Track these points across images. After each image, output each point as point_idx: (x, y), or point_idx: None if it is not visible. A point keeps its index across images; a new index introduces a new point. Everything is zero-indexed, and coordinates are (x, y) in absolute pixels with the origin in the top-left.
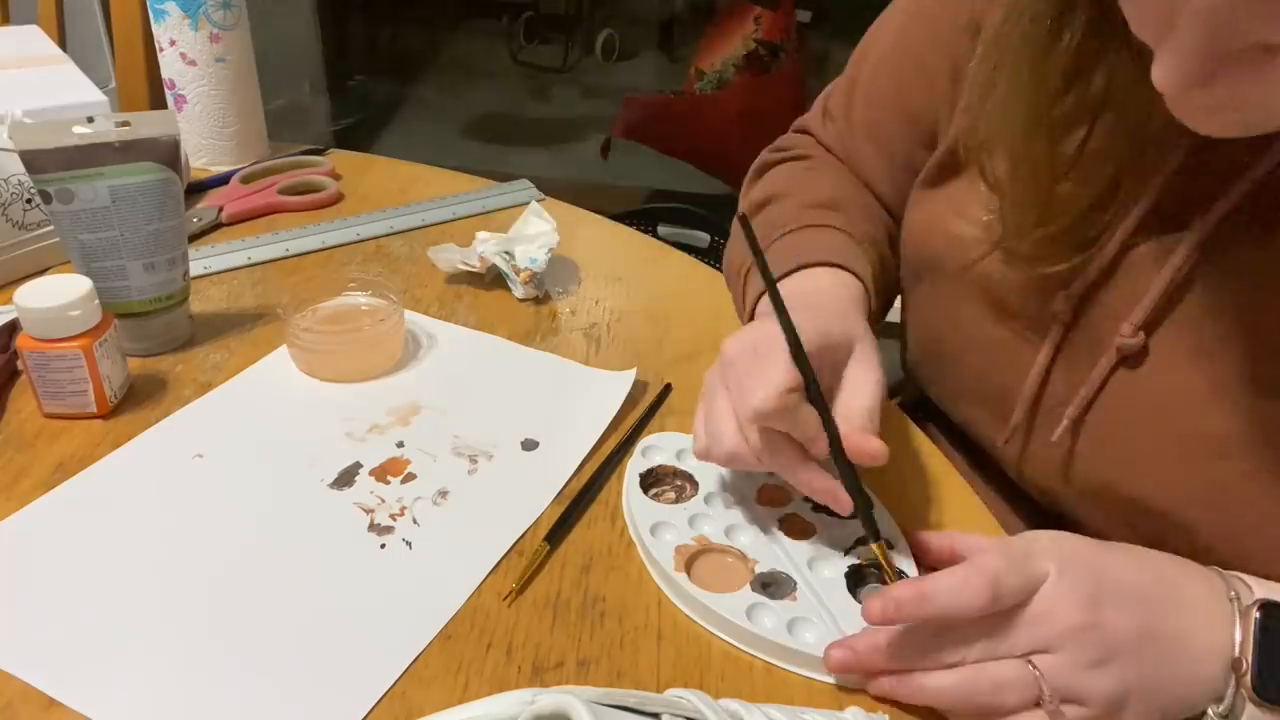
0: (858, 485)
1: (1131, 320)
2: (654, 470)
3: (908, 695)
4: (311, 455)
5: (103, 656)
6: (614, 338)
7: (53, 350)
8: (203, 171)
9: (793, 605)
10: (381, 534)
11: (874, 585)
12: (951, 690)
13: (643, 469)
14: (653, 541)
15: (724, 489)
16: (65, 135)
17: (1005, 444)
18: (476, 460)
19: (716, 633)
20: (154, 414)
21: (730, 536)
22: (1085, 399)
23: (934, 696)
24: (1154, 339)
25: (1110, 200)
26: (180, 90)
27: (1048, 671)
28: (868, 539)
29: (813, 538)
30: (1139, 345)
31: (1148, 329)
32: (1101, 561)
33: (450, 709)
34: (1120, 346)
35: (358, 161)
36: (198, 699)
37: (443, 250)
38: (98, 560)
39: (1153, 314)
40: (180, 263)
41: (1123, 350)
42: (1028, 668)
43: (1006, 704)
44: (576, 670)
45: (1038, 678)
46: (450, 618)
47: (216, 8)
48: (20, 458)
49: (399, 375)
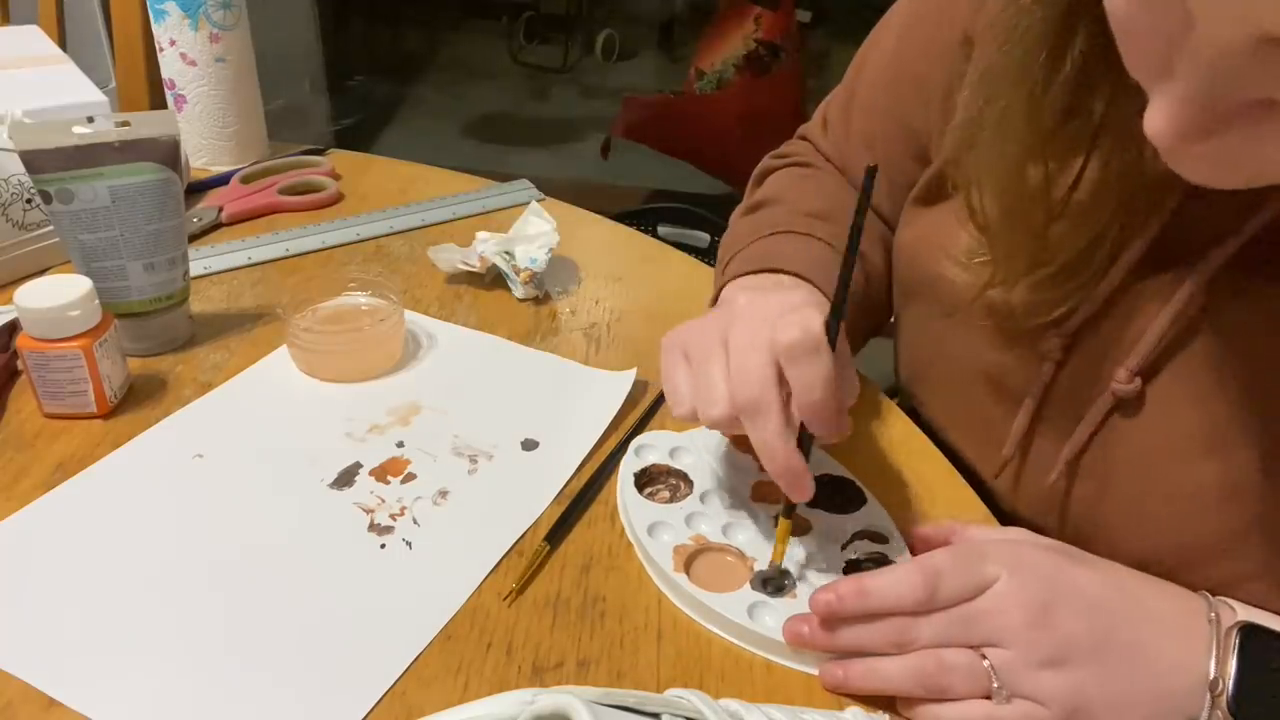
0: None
1: (1128, 365)
2: (648, 469)
3: (860, 675)
4: (311, 455)
5: (103, 656)
6: (614, 338)
7: (53, 350)
8: (203, 171)
9: (793, 602)
10: (381, 534)
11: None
12: (900, 672)
13: (636, 468)
14: (650, 542)
15: (719, 487)
16: (65, 135)
17: (995, 479)
18: (476, 460)
19: (718, 632)
20: (154, 414)
21: (728, 535)
22: (1080, 442)
23: (883, 680)
24: (1151, 385)
25: (1104, 242)
26: (180, 90)
27: (999, 666)
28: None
29: (809, 534)
30: (1135, 391)
31: (1144, 374)
32: (1059, 568)
33: (450, 709)
34: (1116, 392)
35: (358, 161)
36: (198, 699)
37: (443, 250)
38: (98, 560)
39: (1150, 359)
40: (180, 263)
41: (1118, 395)
42: (978, 658)
43: (954, 688)
44: (576, 670)
45: (988, 670)
46: (450, 618)
47: (216, 8)
48: (20, 458)
49: (399, 375)
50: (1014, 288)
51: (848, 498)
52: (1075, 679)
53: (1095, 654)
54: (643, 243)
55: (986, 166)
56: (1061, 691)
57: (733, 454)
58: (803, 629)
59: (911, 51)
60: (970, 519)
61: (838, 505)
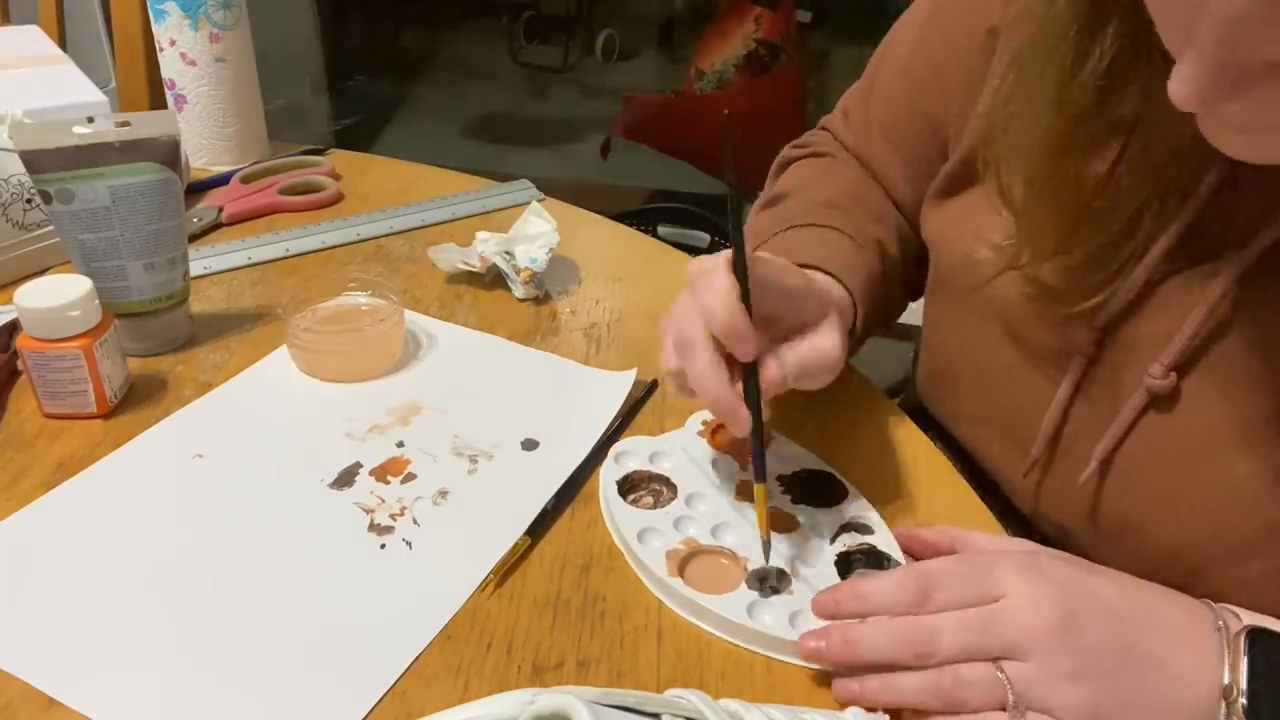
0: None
1: (1162, 360)
2: (629, 476)
3: (875, 691)
4: (311, 455)
5: (103, 656)
6: (614, 338)
7: (53, 350)
8: (203, 171)
9: (790, 599)
10: (381, 534)
11: (861, 571)
12: (917, 687)
13: (618, 476)
14: (641, 548)
15: (703, 489)
16: (65, 135)
17: (1024, 478)
18: (476, 460)
19: (718, 634)
20: (154, 414)
21: (717, 536)
22: (1114, 439)
23: (899, 695)
24: (1186, 380)
25: (1135, 229)
26: (180, 90)
27: (1017, 679)
28: (757, 479)
29: (797, 530)
30: (1170, 387)
31: (1180, 370)
32: (1076, 577)
33: (450, 709)
34: (1151, 388)
35: (358, 161)
36: (198, 699)
37: (443, 250)
38: (98, 560)
39: (1185, 354)
40: (180, 263)
41: (1153, 391)
42: (995, 671)
43: (969, 701)
44: (576, 670)
45: (1005, 683)
46: (450, 618)
47: (216, 8)
48: (20, 458)
49: (399, 375)
50: (1041, 268)
51: (830, 492)
52: (1093, 693)
53: (1114, 666)
54: (643, 243)
55: (1015, 151)
56: (1079, 705)
57: (713, 455)
58: (820, 645)
59: (934, 42)
60: (970, 519)
61: (821, 500)
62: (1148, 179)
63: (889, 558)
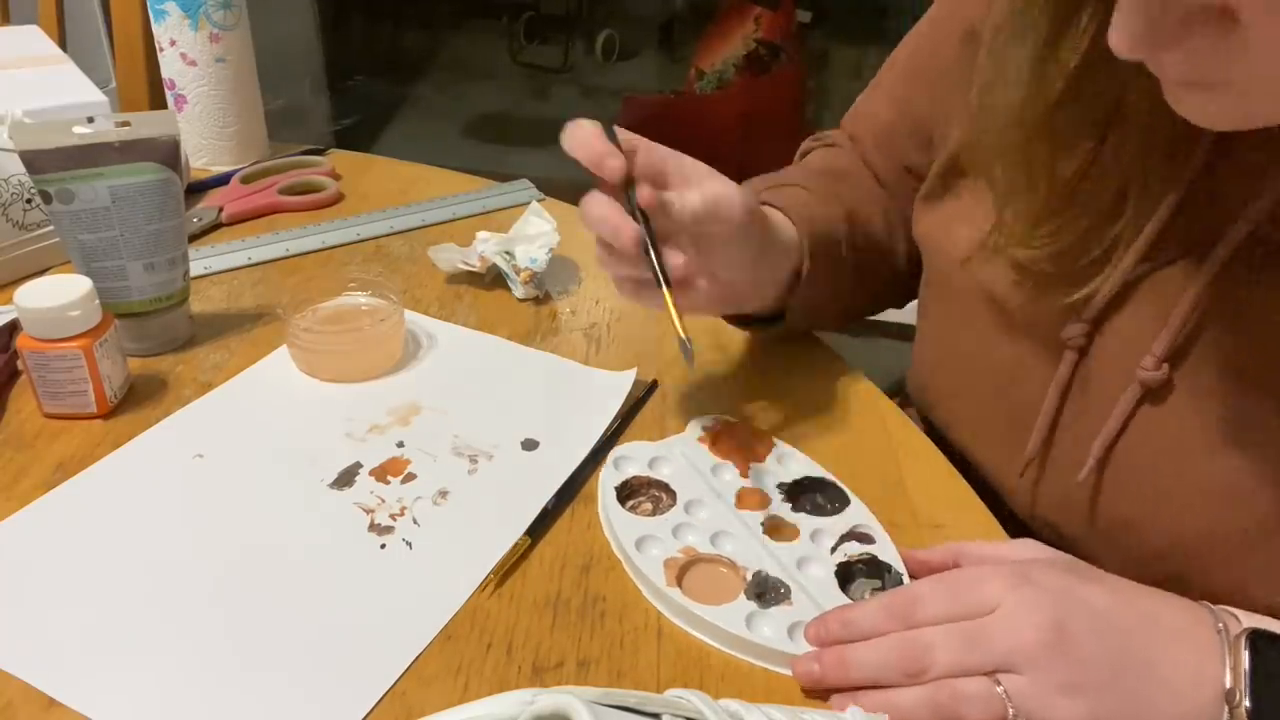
0: (649, 229)
1: (1153, 352)
2: (628, 482)
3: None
4: (311, 455)
5: (103, 656)
6: (614, 338)
7: (53, 350)
8: (203, 171)
9: (790, 610)
10: (381, 534)
11: (862, 581)
12: (915, 704)
13: (617, 482)
14: (639, 556)
15: (702, 496)
16: (65, 135)
17: (1020, 477)
18: (476, 460)
19: (717, 645)
20: (154, 414)
21: (716, 545)
22: (1110, 434)
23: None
24: (1179, 372)
25: (1119, 214)
26: (180, 90)
27: (1014, 693)
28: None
29: (797, 539)
30: (1163, 378)
31: (1171, 361)
32: (1067, 585)
33: (450, 709)
34: (1143, 380)
35: (358, 161)
36: (198, 699)
37: (443, 250)
38: (98, 560)
39: (1176, 344)
40: (180, 263)
41: (1146, 384)
42: (993, 685)
43: (968, 717)
44: (576, 670)
45: (1003, 697)
46: (450, 618)
47: (216, 8)
48: (20, 458)
49: (399, 375)
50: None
51: (831, 499)
52: (1090, 705)
53: (1111, 677)
54: None
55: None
56: (1076, 718)
57: (713, 461)
58: (814, 668)
59: (926, 46)
60: (971, 519)
61: (821, 508)
62: (1127, 167)
63: (890, 568)
